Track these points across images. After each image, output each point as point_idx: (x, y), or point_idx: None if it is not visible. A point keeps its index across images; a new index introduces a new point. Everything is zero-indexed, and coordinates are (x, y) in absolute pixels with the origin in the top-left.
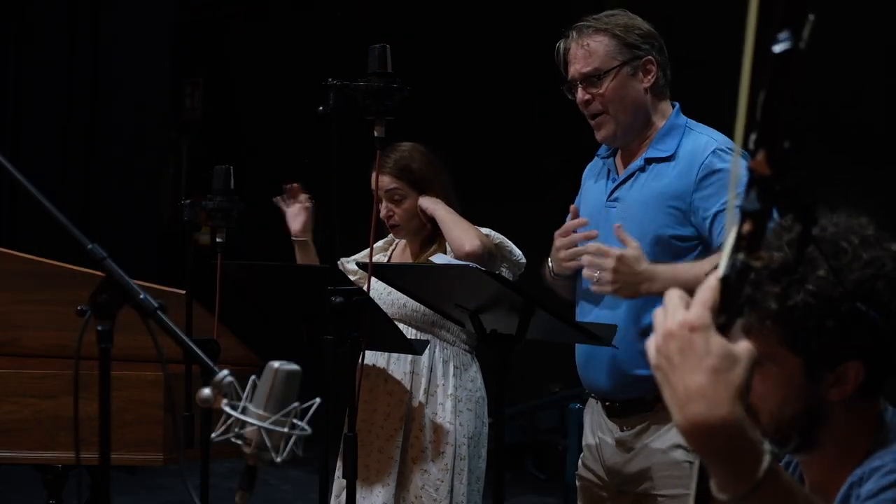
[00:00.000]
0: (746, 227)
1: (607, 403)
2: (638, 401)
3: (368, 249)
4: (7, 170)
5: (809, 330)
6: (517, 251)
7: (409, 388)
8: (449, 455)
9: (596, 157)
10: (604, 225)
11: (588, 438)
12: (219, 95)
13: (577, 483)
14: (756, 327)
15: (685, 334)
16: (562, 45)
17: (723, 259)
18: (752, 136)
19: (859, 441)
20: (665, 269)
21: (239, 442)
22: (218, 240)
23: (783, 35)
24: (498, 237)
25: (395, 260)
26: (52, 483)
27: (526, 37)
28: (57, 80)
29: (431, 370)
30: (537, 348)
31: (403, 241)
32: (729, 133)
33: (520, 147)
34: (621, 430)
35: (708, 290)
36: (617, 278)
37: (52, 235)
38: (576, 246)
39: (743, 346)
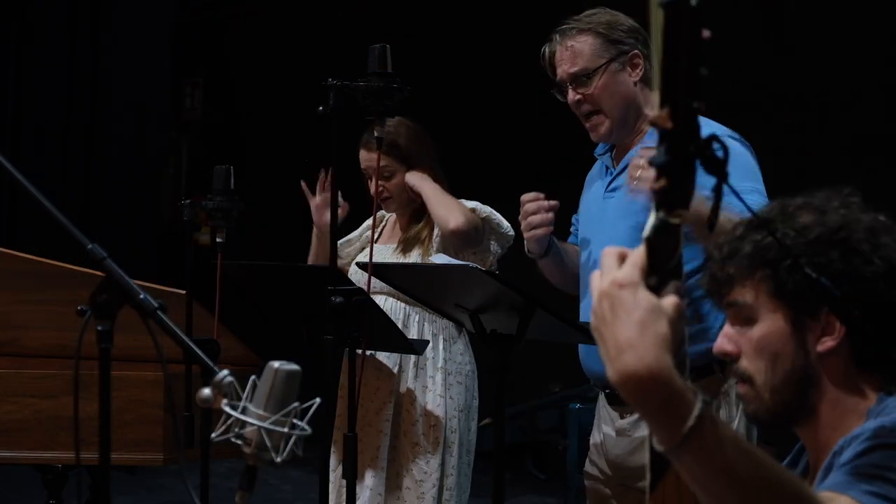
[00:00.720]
0: (660, 182)
1: (608, 391)
2: None
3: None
4: (7, 170)
5: (787, 269)
6: (505, 223)
7: (399, 361)
8: (440, 429)
9: (598, 160)
10: (602, 217)
11: (594, 434)
12: (219, 95)
13: (585, 481)
14: (744, 279)
15: (615, 292)
16: (546, 50)
17: (648, 220)
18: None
19: (855, 419)
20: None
21: (239, 442)
22: (218, 240)
23: None
24: (485, 210)
25: (385, 235)
26: (52, 483)
27: (526, 37)
28: (57, 80)
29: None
30: (537, 348)
31: (393, 217)
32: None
33: (520, 147)
34: (621, 418)
35: (640, 250)
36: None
37: (52, 235)
38: (546, 212)
39: (669, 300)
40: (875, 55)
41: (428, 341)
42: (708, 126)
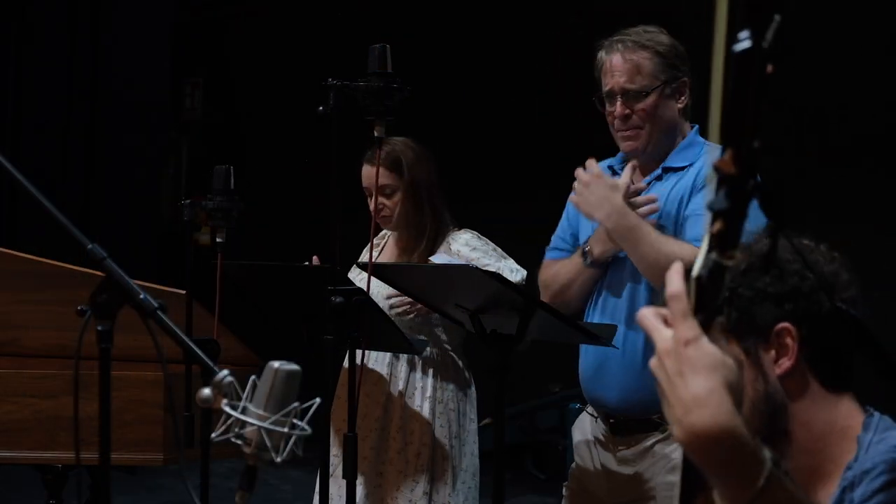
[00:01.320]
0: (716, 226)
1: (611, 420)
2: (644, 420)
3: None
4: (7, 170)
5: (728, 303)
6: (517, 270)
7: (387, 389)
8: (425, 456)
9: (606, 169)
10: None
11: (583, 453)
12: (219, 95)
13: (566, 489)
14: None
15: (679, 349)
16: (603, 55)
17: (698, 259)
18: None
19: (839, 441)
20: (632, 217)
21: (239, 442)
22: (218, 240)
23: (744, 34)
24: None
25: (385, 253)
26: (52, 483)
27: (526, 37)
28: (57, 80)
29: (410, 371)
30: (537, 348)
31: (393, 237)
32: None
33: (520, 147)
34: (627, 448)
35: (680, 300)
36: (583, 190)
37: (52, 235)
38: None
39: (733, 353)
40: (875, 55)
41: (428, 341)
42: (695, 144)
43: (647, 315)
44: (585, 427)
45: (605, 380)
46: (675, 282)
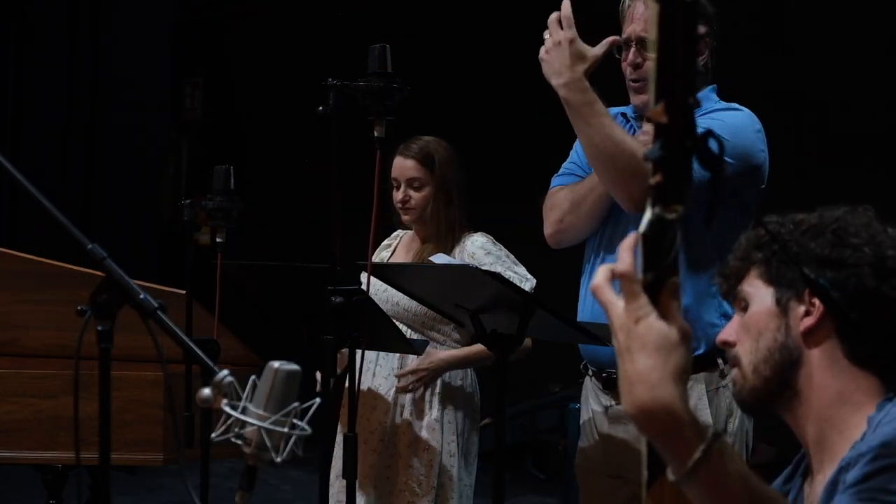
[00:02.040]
0: (656, 178)
1: (604, 375)
2: None
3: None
4: (7, 170)
5: (774, 252)
6: (527, 278)
7: (395, 384)
8: (435, 452)
9: (618, 115)
10: None
11: (586, 429)
12: (219, 95)
13: (577, 475)
14: (744, 270)
15: (630, 326)
16: (627, 1)
17: (644, 217)
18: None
19: (852, 415)
20: (590, 93)
21: (239, 442)
22: (218, 240)
23: None
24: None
25: (400, 249)
26: (52, 483)
27: (526, 36)
28: (57, 80)
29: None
30: (537, 348)
31: (406, 236)
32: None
33: (520, 147)
34: (616, 403)
35: (629, 277)
36: (551, 49)
37: (52, 235)
38: None
39: (678, 329)
40: (875, 55)
41: (427, 341)
42: (708, 101)
43: (603, 288)
44: (587, 398)
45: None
46: (625, 259)
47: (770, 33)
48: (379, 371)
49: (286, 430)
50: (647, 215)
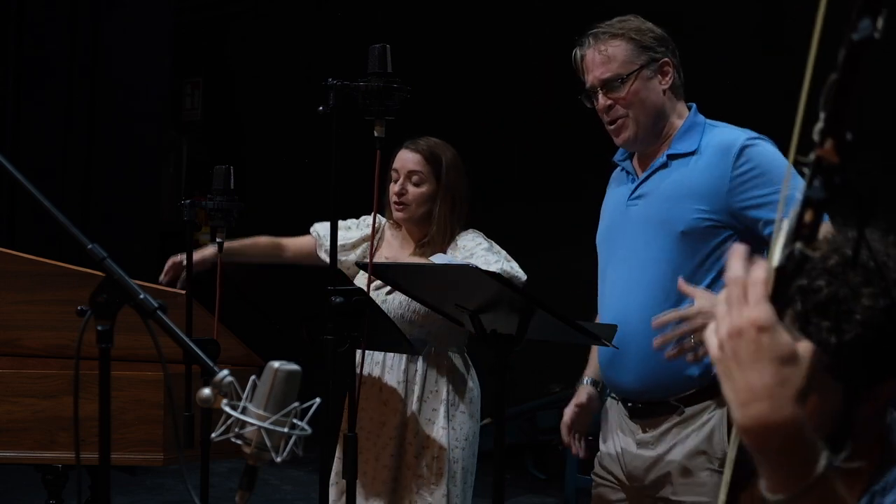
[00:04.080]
0: (808, 216)
1: (629, 404)
2: (662, 403)
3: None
4: (7, 170)
5: (857, 360)
6: (522, 274)
7: (403, 396)
8: (443, 459)
9: (618, 166)
10: (625, 224)
11: (607, 439)
12: (219, 95)
13: (593, 483)
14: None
15: (753, 334)
16: (577, 53)
17: (777, 248)
18: (818, 125)
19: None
20: None
21: (239, 442)
22: (218, 240)
23: (864, 23)
24: (517, 275)
25: (385, 246)
26: (52, 483)
27: (526, 36)
28: (57, 80)
29: (425, 377)
30: (537, 348)
31: (396, 232)
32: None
33: (520, 148)
34: (643, 432)
35: (764, 284)
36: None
37: (52, 235)
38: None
39: (805, 346)
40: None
41: (427, 342)
42: (732, 129)
43: (734, 288)
44: (610, 413)
45: (622, 364)
46: (737, 267)
47: (770, 33)
48: (386, 386)
49: (286, 430)
50: (786, 249)
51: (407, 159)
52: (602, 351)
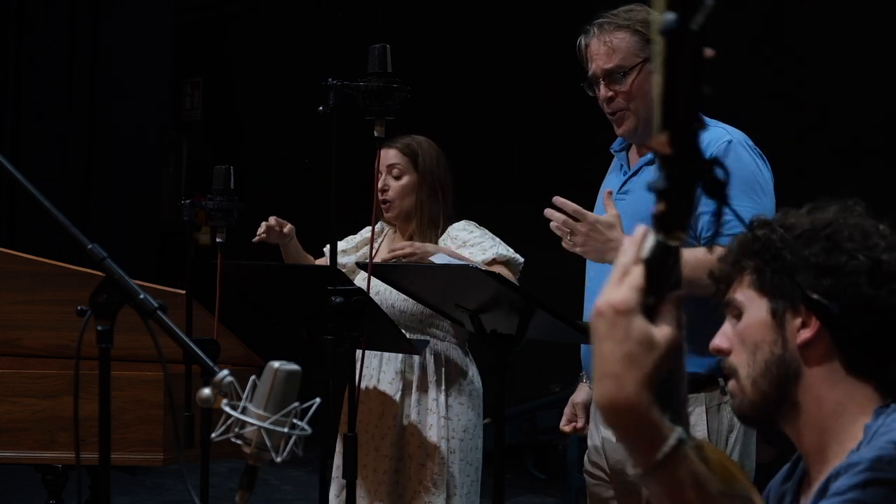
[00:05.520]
0: (659, 207)
1: None
2: None
3: (363, 234)
4: (7, 170)
5: (768, 261)
6: (518, 258)
7: (401, 386)
8: (443, 448)
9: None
10: None
11: (592, 435)
12: (219, 95)
13: (586, 482)
14: (736, 276)
15: (611, 315)
16: (582, 41)
17: (646, 242)
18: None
19: (850, 425)
20: None
21: (239, 442)
22: (218, 240)
23: (669, 15)
24: (514, 260)
25: (384, 250)
26: (52, 483)
27: (526, 36)
28: (57, 80)
29: (423, 368)
30: (537, 348)
31: (391, 232)
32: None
33: (520, 147)
34: None
35: (627, 267)
36: (586, 241)
37: (52, 235)
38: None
39: (663, 333)
40: (875, 55)
41: (428, 340)
42: (723, 127)
43: (616, 270)
44: (594, 405)
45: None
46: (628, 251)
47: (770, 33)
48: (384, 377)
49: (286, 430)
50: (650, 241)
51: (385, 155)
52: (585, 348)
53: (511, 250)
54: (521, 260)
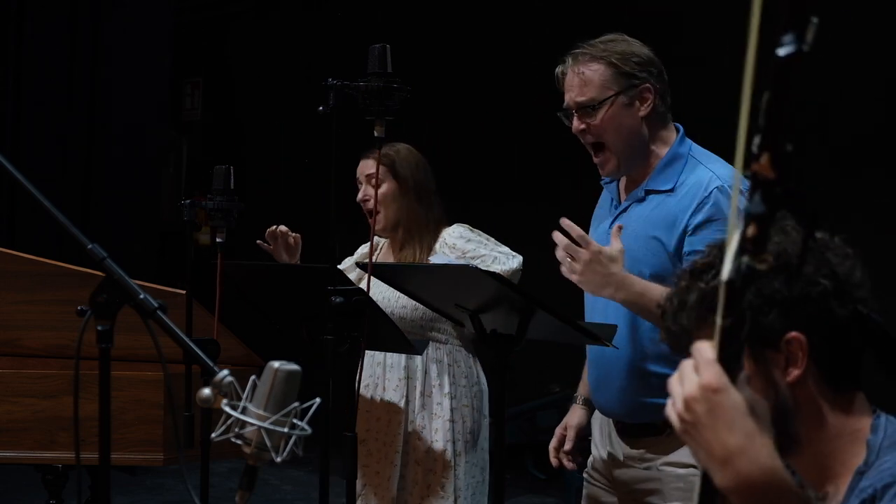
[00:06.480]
0: (751, 230)
1: (618, 423)
2: (648, 425)
3: (360, 252)
4: (7, 170)
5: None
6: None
7: (405, 393)
8: (450, 452)
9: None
10: None
11: (597, 446)
12: (219, 95)
13: (585, 482)
14: (699, 328)
15: (709, 397)
16: (559, 70)
17: (726, 263)
18: (756, 139)
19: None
20: (637, 283)
21: (239, 442)
22: (218, 240)
23: (787, 38)
24: (517, 267)
25: (381, 259)
26: (52, 483)
27: (526, 36)
28: (57, 80)
29: (426, 372)
30: (537, 348)
31: (386, 244)
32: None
33: (519, 147)
34: (631, 449)
35: (709, 346)
36: (585, 271)
37: (52, 235)
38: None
39: (748, 394)
40: (875, 55)
41: (428, 341)
42: (711, 168)
43: (687, 364)
44: (601, 421)
45: (607, 389)
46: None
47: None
48: (388, 385)
49: (286, 430)
50: (733, 262)
51: (363, 166)
52: (590, 374)
53: (509, 252)
54: (519, 262)
